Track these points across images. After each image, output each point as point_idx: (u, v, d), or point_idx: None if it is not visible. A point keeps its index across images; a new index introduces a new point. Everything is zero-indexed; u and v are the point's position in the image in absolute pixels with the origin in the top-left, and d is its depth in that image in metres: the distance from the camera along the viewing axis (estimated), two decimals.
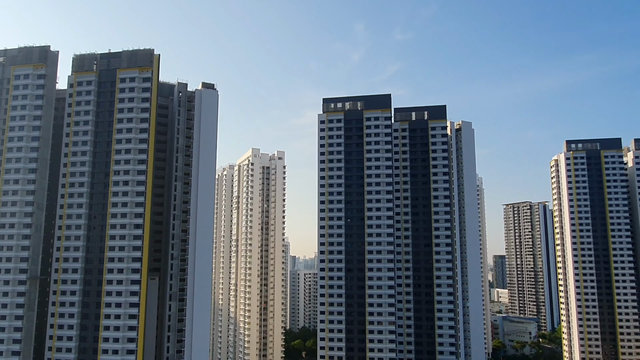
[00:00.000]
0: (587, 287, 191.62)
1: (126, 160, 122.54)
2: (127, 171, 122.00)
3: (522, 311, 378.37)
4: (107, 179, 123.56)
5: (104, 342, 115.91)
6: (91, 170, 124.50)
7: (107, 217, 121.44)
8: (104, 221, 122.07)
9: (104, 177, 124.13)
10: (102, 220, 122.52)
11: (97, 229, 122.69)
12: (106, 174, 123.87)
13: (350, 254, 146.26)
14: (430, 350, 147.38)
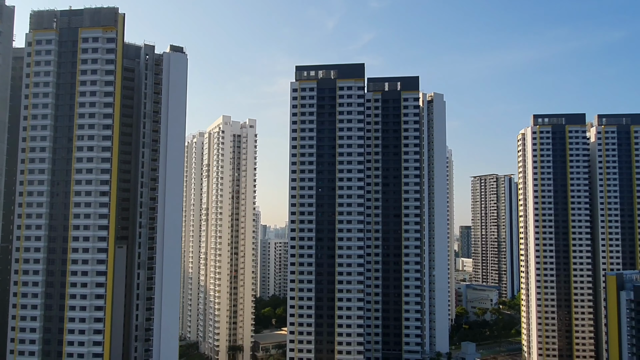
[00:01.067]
0: (546, 257, 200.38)
1: (90, 125, 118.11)
2: (92, 136, 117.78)
3: (484, 280, 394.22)
4: (70, 144, 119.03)
5: (71, 310, 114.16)
6: (53, 134, 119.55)
7: (71, 183, 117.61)
8: (67, 188, 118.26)
9: (67, 141, 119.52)
10: (65, 187, 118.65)
11: (61, 196, 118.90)
12: (69, 138, 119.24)
13: (320, 223, 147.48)
14: (396, 317, 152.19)
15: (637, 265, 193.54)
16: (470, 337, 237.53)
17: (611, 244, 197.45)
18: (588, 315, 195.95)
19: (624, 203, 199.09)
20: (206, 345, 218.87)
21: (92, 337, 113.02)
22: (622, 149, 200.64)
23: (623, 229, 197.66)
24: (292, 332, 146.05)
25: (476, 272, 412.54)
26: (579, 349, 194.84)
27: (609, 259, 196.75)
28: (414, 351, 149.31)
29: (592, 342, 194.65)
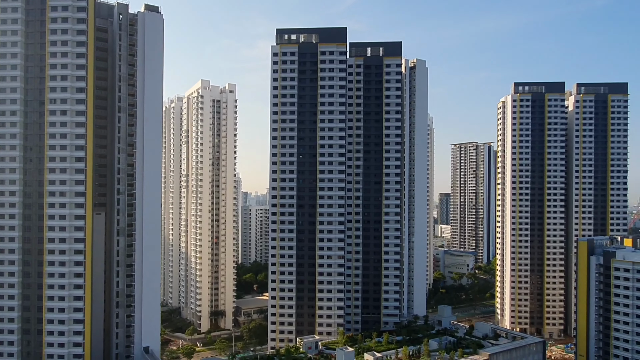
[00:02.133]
0: (521, 224, 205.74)
1: (63, 88, 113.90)
2: (65, 100, 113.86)
3: (462, 246, 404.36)
4: (42, 108, 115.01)
5: (49, 277, 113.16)
6: (24, 97, 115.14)
7: (44, 149, 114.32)
8: (41, 154, 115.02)
9: (39, 105, 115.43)
10: (39, 153, 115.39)
11: (35, 162, 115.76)
12: (41, 102, 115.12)
13: (301, 190, 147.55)
14: (376, 282, 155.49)
15: (607, 231, 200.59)
16: (446, 300, 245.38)
17: (584, 211, 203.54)
18: (559, 279, 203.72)
19: (597, 171, 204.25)
20: (188, 311, 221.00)
21: (72, 304, 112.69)
22: (598, 118, 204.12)
23: (596, 196, 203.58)
24: (274, 297, 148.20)
25: (454, 239, 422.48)
26: (549, 311, 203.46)
27: (581, 225, 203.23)
28: (392, 314, 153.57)
29: (561, 304, 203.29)
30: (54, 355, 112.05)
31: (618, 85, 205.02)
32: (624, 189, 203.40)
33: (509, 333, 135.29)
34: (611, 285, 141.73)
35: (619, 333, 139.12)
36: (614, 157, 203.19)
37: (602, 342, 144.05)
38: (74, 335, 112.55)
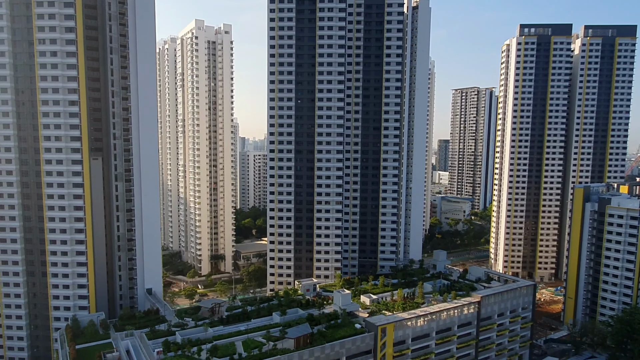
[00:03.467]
0: (519, 170, 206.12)
1: (51, 27, 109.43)
2: (54, 40, 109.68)
3: (459, 192, 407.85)
4: (31, 49, 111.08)
5: (50, 221, 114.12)
6: (11, 37, 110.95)
7: (36, 92, 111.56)
8: (34, 97, 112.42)
9: (28, 46, 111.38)
10: (31, 96, 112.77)
11: (27, 105, 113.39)
12: (30, 42, 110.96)
13: (300, 135, 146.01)
14: (373, 227, 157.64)
15: (604, 178, 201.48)
16: (442, 245, 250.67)
17: (582, 157, 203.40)
18: (553, 225, 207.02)
19: (599, 117, 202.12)
20: (189, 255, 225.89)
21: (74, 248, 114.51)
22: (604, 62, 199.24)
23: (595, 143, 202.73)
24: (272, 241, 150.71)
25: (451, 185, 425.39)
26: (542, 256, 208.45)
27: (579, 172, 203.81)
28: (388, 259, 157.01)
29: (554, 249, 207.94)
30: (59, 296, 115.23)
31: (627, 28, 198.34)
32: (624, 136, 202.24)
33: (501, 277, 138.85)
34: (604, 231, 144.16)
35: (608, 277, 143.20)
36: (616, 102, 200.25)
37: (591, 285, 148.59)
38: (78, 278, 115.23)
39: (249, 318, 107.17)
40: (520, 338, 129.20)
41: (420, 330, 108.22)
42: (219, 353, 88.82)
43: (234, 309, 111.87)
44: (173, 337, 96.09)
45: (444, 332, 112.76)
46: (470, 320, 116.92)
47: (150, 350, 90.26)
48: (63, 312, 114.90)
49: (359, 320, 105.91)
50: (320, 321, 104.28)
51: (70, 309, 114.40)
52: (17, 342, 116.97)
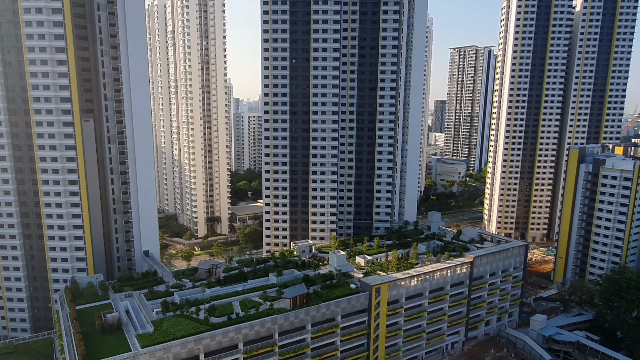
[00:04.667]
0: (515, 131, 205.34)
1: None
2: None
3: (455, 154, 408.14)
4: (15, 6, 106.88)
5: (44, 184, 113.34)
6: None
7: (23, 51, 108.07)
8: (20, 56, 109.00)
9: (12, 2, 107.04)
10: (18, 56, 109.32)
11: (15, 65, 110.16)
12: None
13: (294, 96, 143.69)
14: (368, 189, 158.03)
15: (600, 139, 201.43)
16: (437, 207, 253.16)
17: (579, 119, 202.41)
18: (547, 187, 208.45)
19: (597, 77, 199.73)
20: (185, 217, 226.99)
21: (70, 210, 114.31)
22: (605, 20, 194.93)
23: (593, 103, 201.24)
24: (268, 203, 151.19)
25: (447, 147, 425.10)
26: (535, 217, 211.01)
27: (575, 133, 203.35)
28: (383, 220, 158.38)
29: (547, 210, 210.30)
30: (57, 258, 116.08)
31: None
32: (622, 96, 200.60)
33: (494, 237, 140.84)
34: (597, 192, 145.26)
35: (599, 237, 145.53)
36: (616, 62, 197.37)
37: (582, 245, 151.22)
38: (75, 240, 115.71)
39: (245, 279, 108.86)
40: (510, 296, 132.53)
41: (413, 289, 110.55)
42: (216, 313, 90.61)
43: (231, 270, 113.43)
44: (171, 297, 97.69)
45: (437, 292, 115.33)
46: (463, 279, 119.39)
47: (149, 310, 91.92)
48: (61, 274, 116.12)
49: (354, 280, 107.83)
50: (316, 281, 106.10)
51: (69, 271, 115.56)
52: (17, 303, 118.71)
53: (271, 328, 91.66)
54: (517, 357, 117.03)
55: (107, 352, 79.42)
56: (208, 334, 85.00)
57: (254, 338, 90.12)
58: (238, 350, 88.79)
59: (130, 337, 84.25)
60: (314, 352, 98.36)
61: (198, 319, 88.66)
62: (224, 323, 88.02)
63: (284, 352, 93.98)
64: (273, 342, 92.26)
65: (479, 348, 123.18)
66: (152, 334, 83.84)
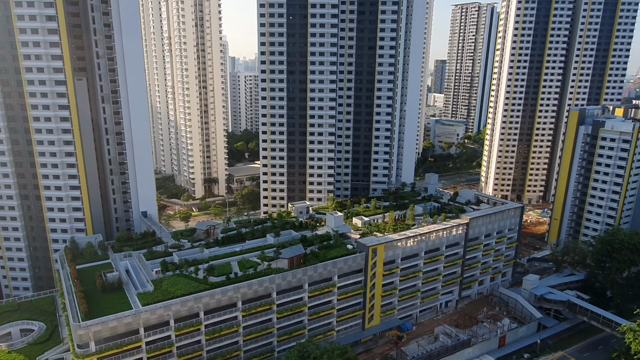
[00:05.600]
0: (516, 92, 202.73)
1: None
2: None
3: (454, 115, 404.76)
4: None
5: (39, 145, 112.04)
6: None
7: (10, 6, 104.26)
8: (8, 11, 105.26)
9: None
10: (5, 10, 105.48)
11: (3, 21, 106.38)
12: None
13: (292, 55, 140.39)
14: (366, 150, 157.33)
15: (601, 101, 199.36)
16: (434, 169, 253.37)
17: (581, 79, 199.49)
18: (545, 149, 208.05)
19: (602, 37, 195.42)
20: (182, 178, 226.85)
21: (66, 171, 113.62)
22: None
23: (595, 63, 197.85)
24: (265, 165, 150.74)
25: (446, 108, 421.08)
26: (532, 179, 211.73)
27: (576, 95, 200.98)
28: (381, 182, 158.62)
29: (544, 173, 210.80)
30: (55, 219, 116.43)
31: None
32: (626, 56, 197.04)
33: (490, 199, 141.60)
34: (595, 154, 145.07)
35: (595, 199, 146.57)
36: (621, 20, 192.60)
37: (577, 207, 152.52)
38: (73, 201, 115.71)
39: (243, 239, 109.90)
40: (504, 257, 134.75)
41: (409, 250, 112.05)
42: (215, 272, 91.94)
43: (229, 231, 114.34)
44: (170, 257, 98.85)
45: (433, 252, 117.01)
46: (458, 240, 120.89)
47: (149, 269, 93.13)
48: (60, 234, 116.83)
49: (350, 241, 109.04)
50: (313, 242, 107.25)
51: (68, 232, 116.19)
52: (18, 263, 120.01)
53: (269, 287, 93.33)
54: (509, 315, 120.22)
55: (109, 310, 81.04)
56: (207, 292, 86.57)
57: (253, 297, 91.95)
58: (237, 308, 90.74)
59: (131, 296, 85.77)
60: (311, 310, 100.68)
61: (197, 279, 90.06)
62: (223, 282, 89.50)
63: (281, 310, 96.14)
64: (271, 301, 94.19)
65: (472, 307, 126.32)
66: (152, 293, 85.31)
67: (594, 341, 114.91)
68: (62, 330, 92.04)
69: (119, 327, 79.50)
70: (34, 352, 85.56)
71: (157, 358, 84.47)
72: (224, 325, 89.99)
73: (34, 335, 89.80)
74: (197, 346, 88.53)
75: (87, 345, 77.70)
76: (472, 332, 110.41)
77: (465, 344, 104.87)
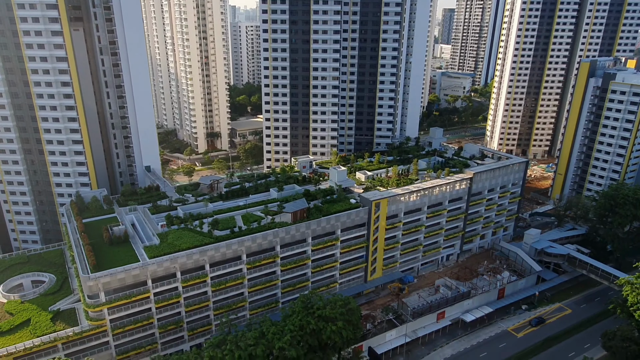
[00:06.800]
0: (526, 43, 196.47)
1: None
2: None
3: (461, 67, 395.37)
4: None
5: (39, 98, 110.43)
6: None
7: None
8: None
9: None
10: None
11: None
12: None
13: (294, 3, 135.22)
14: (370, 104, 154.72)
15: (613, 52, 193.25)
16: (439, 123, 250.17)
17: (594, 29, 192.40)
18: (553, 102, 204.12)
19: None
20: (184, 133, 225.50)
21: (67, 125, 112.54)
22: None
23: (610, 12, 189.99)
24: (268, 119, 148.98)
25: (453, 60, 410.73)
26: (538, 133, 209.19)
27: (587, 46, 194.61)
28: (384, 136, 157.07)
29: (551, 127, 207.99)
30: (59, 173, 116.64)
31: None
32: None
33: (495, 154, 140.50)
34: (604, 107, 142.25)
35: (601, 154, 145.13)
36: None
37: (582, 162, 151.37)
38: (76, 155, 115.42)
39: (247, 194, 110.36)
40: (507, 212, 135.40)
41: (412, 204, 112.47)
42: (219, 226, 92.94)
43: (232, 186, 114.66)
44: (175, 211, 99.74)
45: (435, 207, 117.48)
46: (461, 195, 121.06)
47: (154, 223, 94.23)
48: (65, 188, 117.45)
49: (354, 195, 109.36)
50: (317, 196, 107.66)
51: (72, 186, 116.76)
52: (25, 216, 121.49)
53: (273, 241, 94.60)
54: (509, 268, 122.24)
55: (117, 262, 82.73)
56: (212, 246, 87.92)
57: (257, 250, 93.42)
58: (242, 261, 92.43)
59: (138, 249, 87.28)
60: (314, 264, 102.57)
61: (202, 232, 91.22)
62: (227, 236, 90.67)
63: (285, 263, 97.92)
64: (275, 254, 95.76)
65: (473, 260, 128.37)
66: (158, 246, 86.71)
67: (591, 293, 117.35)
68: (72, 281, 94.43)
69: (127, 279, 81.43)
70: (45, 302, 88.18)
71: (166, 308, 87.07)
72: (229, 278, 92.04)
73: (45, 287, 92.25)
74: (204, 297, 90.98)
75: (97, 295, 79.94)
76: (472, 284, 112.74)
77: (465, 295, 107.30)
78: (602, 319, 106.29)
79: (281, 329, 74.57)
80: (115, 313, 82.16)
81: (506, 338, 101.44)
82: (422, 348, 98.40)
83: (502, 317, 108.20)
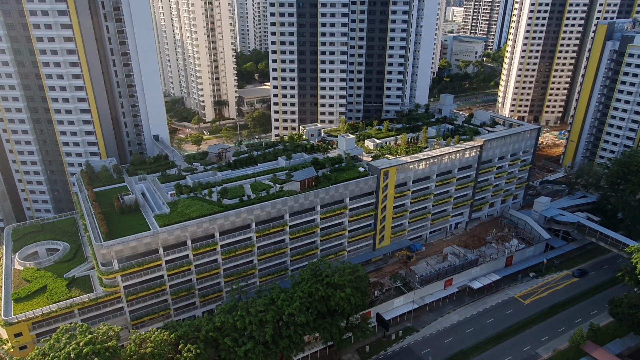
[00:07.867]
0: (541, 4, 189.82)
1: None
2: None
3: (473, 31, 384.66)
4: None
5: (45, 67, 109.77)
6: None
7: None
8: None
9: None
10: None
11: None
12: None
13: None
14: (379, 70, 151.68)
15: (632, 13, 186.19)
16: (450, 89, 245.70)
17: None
18: (568, 67, 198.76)
19: None
20: (191, 101, 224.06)
21: (74, 94, 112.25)
22: None
23: None
24: (276, 86, 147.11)
25: (465, 23, 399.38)
26: (551, 99, 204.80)
27: (606, 7, 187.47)
28: (394, 103, 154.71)
29: (565, 92, 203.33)
30: (69, 142, 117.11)
31: None
32: None
33: (506, 121, 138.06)
34: (620, 72, 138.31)
35: (615, 120, 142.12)
36: None
37: (596, 128, 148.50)
38: (84, 125, 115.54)
39: (255, 162, 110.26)
40: (517, 180, 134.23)
41: (421, 172, 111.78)
42: (228, 195, 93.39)
43: (241, 154, 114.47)
44: (184, 180, 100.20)
45: (445, 175, 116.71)
46: (471, 163, 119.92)
47: (164, 192, 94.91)
48: (75, 158, 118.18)
49: (362, 163, 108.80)
50: (325, 165, 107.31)
51: (82, 155, 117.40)
52: (37, 186, 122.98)
53: (282, 209, 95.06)
54: (518, 236, 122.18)
55: (128, 230, 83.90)
56: (222, 214, 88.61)
57: (266, 218, 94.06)
58: (251, 229, 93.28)
59: (149, 217, 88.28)
60: (323, 232, 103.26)
61: (211, 201, 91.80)
62: (236, 205, 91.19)
63: (294, 231, 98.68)
64: (284, 222, 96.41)
65: (482, 228, 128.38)
66: (168, 215, 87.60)
67: (599, 261, 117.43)
68: (86, 249, 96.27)
69: (139, 247, 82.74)
70: (60, 269, 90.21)
71: (177, 275, 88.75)
72: (239, 246, 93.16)
73: (60, 254, 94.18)
74: (214, 264, 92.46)
75: (110, 263, 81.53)
76: (480, 252, 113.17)
77: (473, 263, 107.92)
78: (610, 287, 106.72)
79: (290, 296, 75.89)
80: (128, 280, 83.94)
81: (513, 305, 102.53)
82: (430, 314, 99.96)
83: (510, 284, 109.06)
